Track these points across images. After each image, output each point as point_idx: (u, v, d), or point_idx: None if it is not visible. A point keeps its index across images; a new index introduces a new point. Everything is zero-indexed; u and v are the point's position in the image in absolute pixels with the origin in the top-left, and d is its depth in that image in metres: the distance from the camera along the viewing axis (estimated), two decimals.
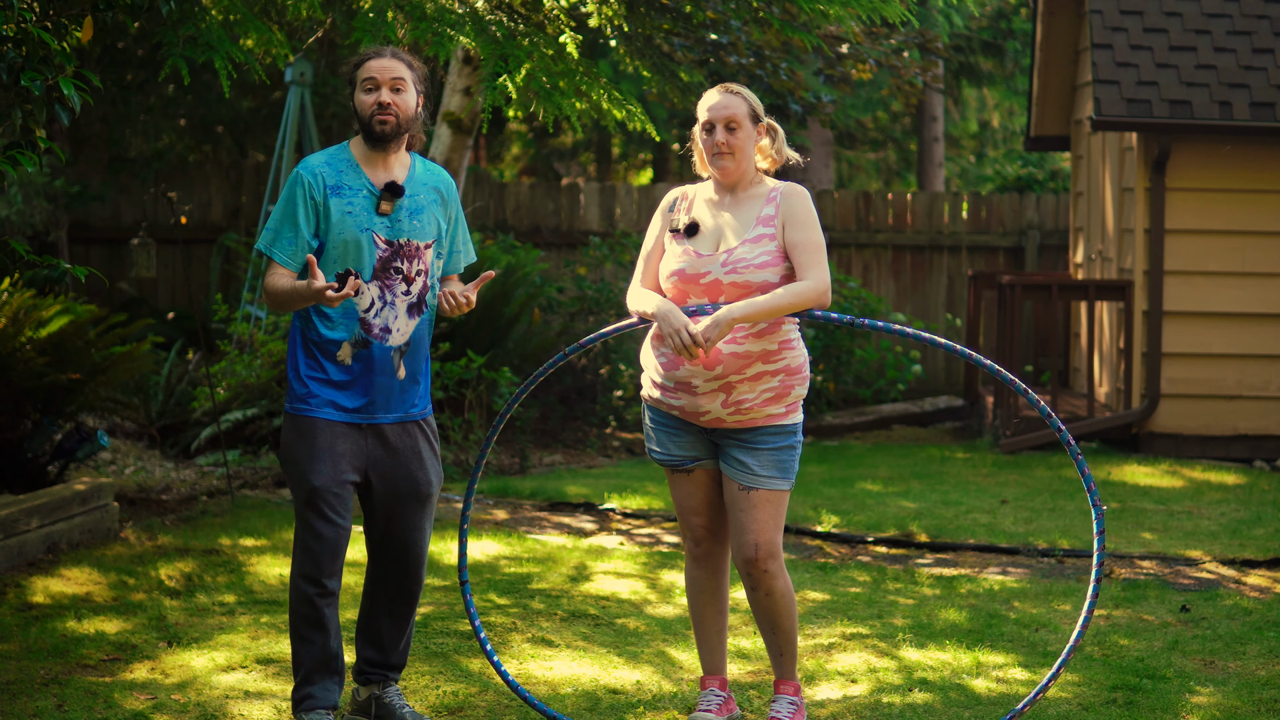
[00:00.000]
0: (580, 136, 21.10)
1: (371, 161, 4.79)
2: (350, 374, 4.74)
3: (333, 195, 4.72)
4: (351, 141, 4.84)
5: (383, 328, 4.75)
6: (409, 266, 4.76)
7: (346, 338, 4.74)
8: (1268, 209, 10.67)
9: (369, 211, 4.73)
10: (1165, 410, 10.73)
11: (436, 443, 4.93)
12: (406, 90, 4.76)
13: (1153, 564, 7.47)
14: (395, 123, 4.74)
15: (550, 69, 6.81)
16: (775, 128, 4.94)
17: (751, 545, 4.80)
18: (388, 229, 4.74)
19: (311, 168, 4.75)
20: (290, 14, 7.46)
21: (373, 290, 4.73)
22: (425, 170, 4.89)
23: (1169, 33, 10.71)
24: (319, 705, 4.75)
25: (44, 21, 5.16)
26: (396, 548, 4.85)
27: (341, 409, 4.75)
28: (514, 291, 11.35)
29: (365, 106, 4.74)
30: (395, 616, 4.90)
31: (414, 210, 4.79)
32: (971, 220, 14.03)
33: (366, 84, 4.75)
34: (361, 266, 4.71)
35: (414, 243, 4.77)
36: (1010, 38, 20.50)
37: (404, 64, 4.78)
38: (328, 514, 4.71)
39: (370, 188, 4.75)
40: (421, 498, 4.84)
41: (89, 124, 13.55)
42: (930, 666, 5.68)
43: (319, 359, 4.75)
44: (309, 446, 4.73)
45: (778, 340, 4.76)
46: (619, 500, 8.65)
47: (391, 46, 4.86)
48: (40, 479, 8.50)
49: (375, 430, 4.78)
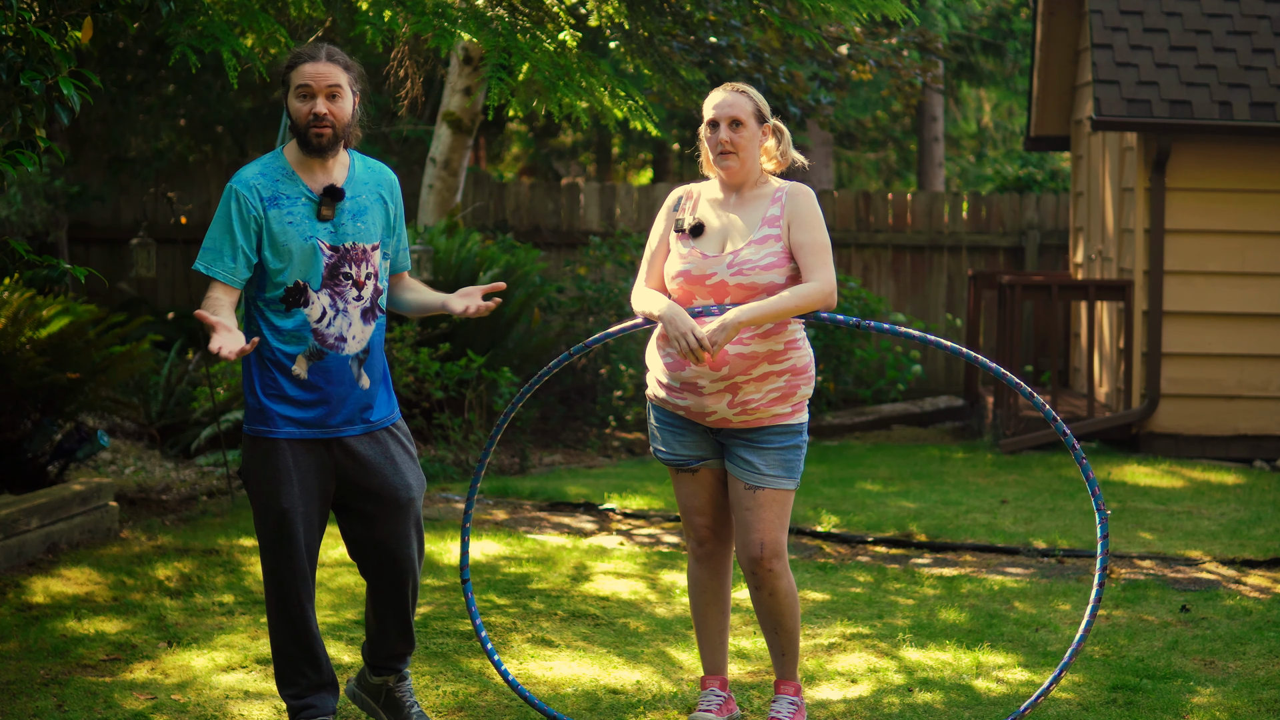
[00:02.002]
0: (580, 136, 21.09)
1: (308, 166, 4.57)
2: (308, 388, 4.54)
3: (271, 207, 4.51)
4: (286, 148, 4.62)
5: (337, 337, 4.56)
6: (358, 271, 4.57)
7: (301, 350, 4.54)
8: (1268, 209, 10.67)
9: (310, 219, 4.53)
10: (1165, 410, 10.73)
11: (412, 446, 4.75)
12: (343, 96, 4.54)
13: (1153, 564, 7.47)
14: (332, 133, 4.53)
15: (554, 62, 6.80)
16: (781, 129, 4.93)
17: (757, 544, 4.80)
18: (331, 234, 4.55)
19: (246, 181, 4.52)
20: (292, 12, 7.45)
21: (323, 299, 4.53)
22: (365, 169, 4.68)
23: (1169, 33, 10.71)
24: (319, 714, 4.68)
25: (44, 22, 5.16)
26: (383, 556, 4.68)
27: (303, 425, 4.55)
28: (514, 291, 11.35)
29: (300, 115, 4.50)
30: (398, 613, 4.81)
31: (357, 212, 4.61)
32: (971, 220, 14.03)
33: (300, 90, 4.51)
34: (309, 276, 4.53)
35: (360, 245, 4.59)
36: (1010, 38, 20.50)
37: (340, 66, 4.54)
38: (298, 536, 4.54)
39: (309, 194, 4.54)
40: (403, 504, 4.65)
41: (89, 124, 13.56)
42: (931, 667, 5.68)
43: (275, 375, 4.55)
44: (273, 468, 4.54)
45: (783, 341, 4.76)
46: (619, 500, 8.65)
47: (327, 46, 4.60)
48: (40, 479, 8.50)
49: (339, 443, 4.59)
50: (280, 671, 4.68)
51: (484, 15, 6.81)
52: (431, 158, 11.89)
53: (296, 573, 4.57)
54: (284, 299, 4.54)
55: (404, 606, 4.79)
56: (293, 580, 4.57)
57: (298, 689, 4.67)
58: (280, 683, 4.70)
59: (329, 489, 4.62)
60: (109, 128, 13.58)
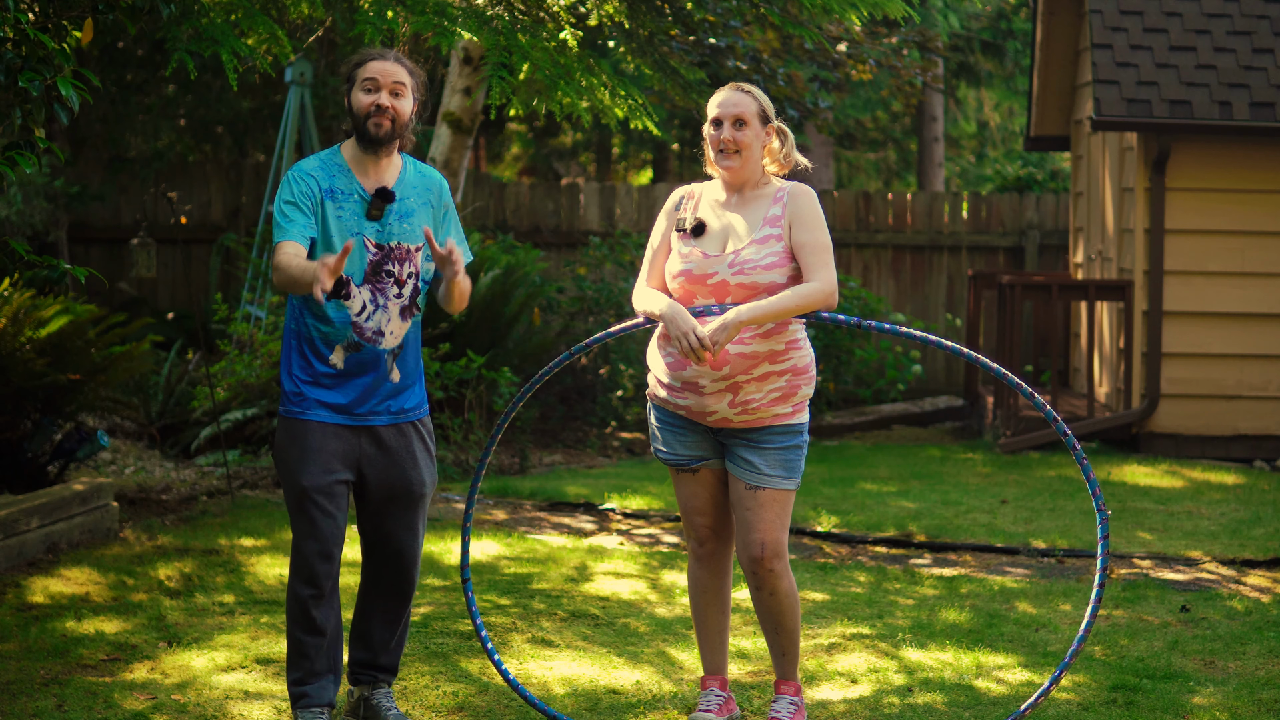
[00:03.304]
0: (580, 137, 21.09)
1: (363, 165, 4.75)
2: (343, 377, 4.73)
3: (327, 199, 4.70)
4: (343, 145, 4.81)
5: (375, 331, 4.73)
6: (400, 270, 4.73)
7: (339, 341, 4.73)
8: (1268, 209, 10.67)
9: (359, 216, 4.71)
10: (1165, 410, 10.73)
11: (432, 444, 4.91)
12: (405, 96, 4.73)
13: (1152, 564, 7.47)
14: (391, 127, 4.70)
15: (554, 61, 6.80)
16: (785, 131, 4.93)
17: (758, 544, 4.80)
18: (378, 233, 4.72)
19: (305, 170, 4.73)
20: (292, 12, 7.45)
21: (364, 294, 4.71)
22: (417, 173, 4.86)
23: (1169, 33, 10.71)
24: (314, 704, 4.76)
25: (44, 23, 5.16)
26: (390, 548, 4.85)
27: (334, 410, 4.73)
28: (514, 291, 11.35)
29: (363, 106, 4.70)
30: (387, 617, 4.91)
31: (404, 214, 4.76)
32: (971, 220, 14.03)
33: (367, 83, 4.71)
34: (352, 271, 4.69)
35: (404, 245, 4.75)
36: (1010, 38, 20.50)
37: (406, 70, 4.75)
38: (317, 515, 4.70)
39: (362, 193, 4.73)
40: (414, 498, 4.83)
41: (89, 124, 13.55)
42: (931, 667, 5.68)
43: (311, 361, 4.74)
44: (300, 448, 4.72)
45: (785, 340, 4.76)
46: (619, 500, 8.65)
47: (395, 50, 4.82)
48: (40, 479, 8.50)
49: (369, 431, 4.77)
50: (288, 656, 4.81)
51: (484, 14, 6.81)
52: (431, 157, 11.87)
53: (319, 554, 4.71)
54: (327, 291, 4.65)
55: (399, 605, 4.89)
56: (305, 558, 4.71)
57: (300, 674, 4.78)
58: (288, 667, 4.81)
59: (352, 477, 4.77)
60: (109, 128, 13.58)
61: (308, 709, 4.76)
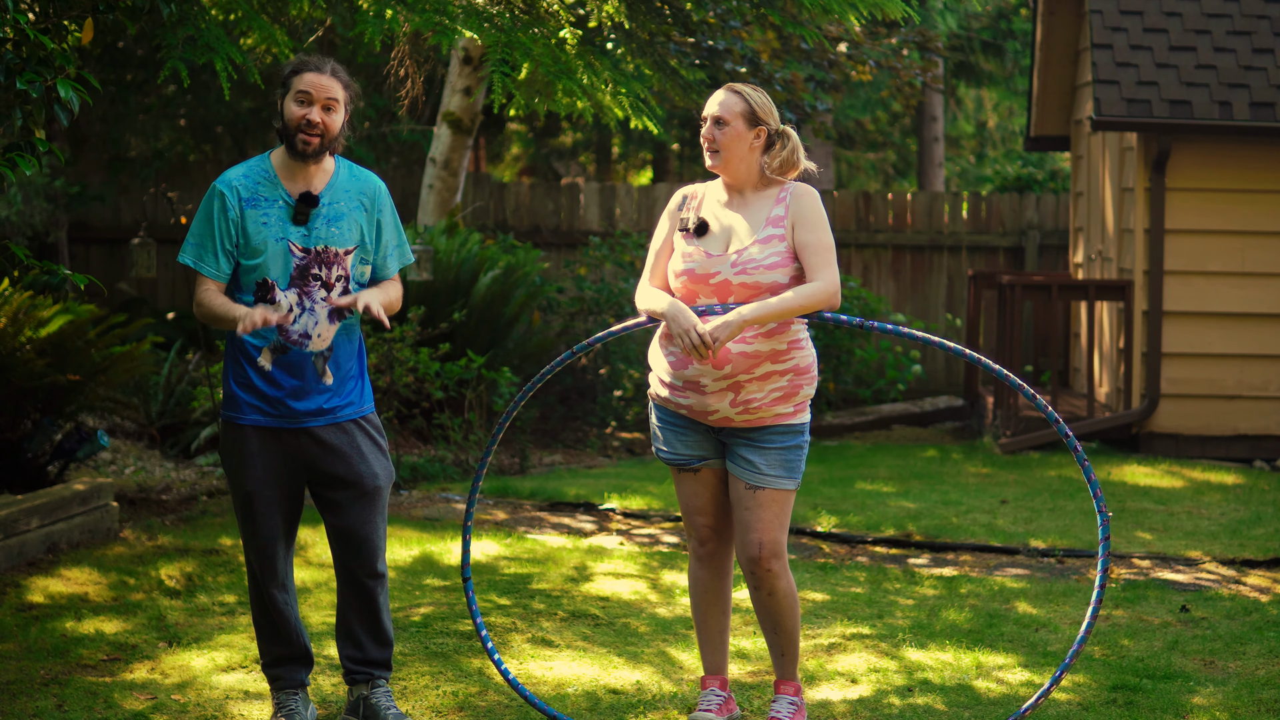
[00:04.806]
0: (580, 137, 21.09)
1: (291, 171, 4.80)
2: (273, 380, 4.78)
3: (248, 207, 4.75)
4: (274, 152, 4.87)
5: (301, 334, 4.77)
6: (328, 273, 4.78)
7: (265, 344, 4.78)
8: (1268, 209, 10.67)
9: (284, 221, 4.76)
10: (1165, 410, 10.73)
11: (382, 438, 4.96)
12: (337, 110, 4.78)
13: (1152, 564, 7.47)
14: (320, 143, 4.76)
15: (554, 59, 6.80)
16: (788, 133, 4.89)
17: (756, 544, 4.80)
18: (303, 237, 4.76)
19: (228, 181, 4.78)
20: (292, 11, 7.45)
21: (291, 297, 4.75)
22: (350, 176, 4.90)
23: (1169, 33, 10.71)
24: (287, 685, 4.95)
25: (45, 23, 5.16)
26: (353, 541, 4.91)
27: (266, 414, 4.80)
28: (514, 291, 11.35)
29: (294, 118, 4.75)
30: (362, 607, 4.96)
31: (333, 217, 4.80)
32: (971, 220, 14.03)
33: (299, 95, 4.76)
34: (277, 275, 4.75)
35: (332, 249, 4.79)
36: (1010, 38, 20.50)
37: (340, 84, 4.80)
38: (260, 517, 4.82)
39: (287, 198, 4.78)
40: (368, 491, 4.88)
41: (89, 124, 13.55)
42: (931, 667, 5.68)
43: (244, 365, 4.81)
44: (240, 452, 4.82)
45: (787, 340, 4.76)
46: (619, 500, 8.65)
47: (333, 62, 4.87)
48: (40, 479, 8.50)
49: (307, 433, 4.83)
50: (257, 640, 5.01)
51: (485, 12, 6.81)
52: (431, 158, 11.89)
53: (260, 551, 4.86)
54: (254, 294, 4.78)
55: (373, 599, 4.96)
56: (257, 557, 4.87)
57: (269, 658, 4.99)
58: (259, 650, 5.01)
59: (299, 476, 4.88)
60: (109, 128, 13.58)
61: (283, 690, 4.95)
